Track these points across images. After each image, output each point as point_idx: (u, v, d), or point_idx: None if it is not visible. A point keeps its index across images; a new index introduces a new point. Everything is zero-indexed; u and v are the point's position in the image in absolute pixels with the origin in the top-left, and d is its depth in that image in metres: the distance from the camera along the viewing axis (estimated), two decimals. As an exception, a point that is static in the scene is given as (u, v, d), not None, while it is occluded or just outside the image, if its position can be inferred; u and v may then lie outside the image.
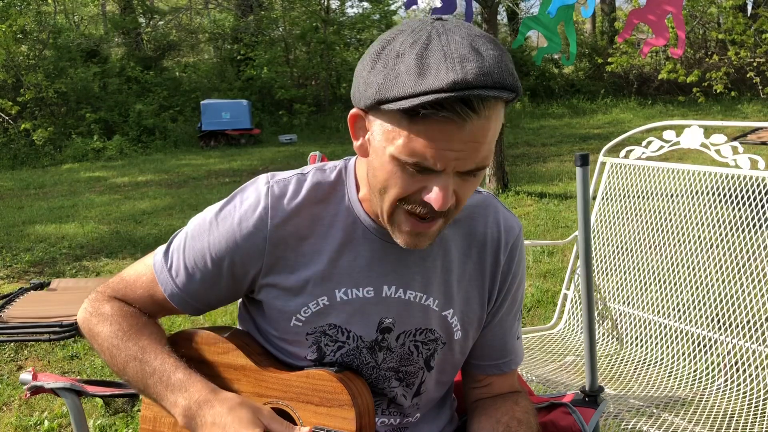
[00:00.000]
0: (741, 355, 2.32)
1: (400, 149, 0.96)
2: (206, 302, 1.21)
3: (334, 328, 1.16)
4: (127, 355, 1.16)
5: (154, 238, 6.26)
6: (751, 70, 13.97)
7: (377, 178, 1.03)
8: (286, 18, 17.10)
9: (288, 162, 10.84)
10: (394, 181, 1.00)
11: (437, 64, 0.90)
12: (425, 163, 0.96)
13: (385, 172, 1.01)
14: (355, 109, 1.04)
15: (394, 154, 0.97)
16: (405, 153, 0.96)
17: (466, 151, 0.95)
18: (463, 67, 0.89)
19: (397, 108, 0.92)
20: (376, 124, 1.00)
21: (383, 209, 1.05)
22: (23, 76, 13.41)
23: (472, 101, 0.91)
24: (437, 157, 0.95)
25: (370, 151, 1.04)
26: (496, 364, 1.29)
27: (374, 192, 1.06)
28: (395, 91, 0.92)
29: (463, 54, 0.91)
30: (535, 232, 5.90)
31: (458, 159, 0.96)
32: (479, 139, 0.95)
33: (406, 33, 0.96)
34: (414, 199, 1.01)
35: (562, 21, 3.29)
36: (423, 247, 1.08)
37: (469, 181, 1.01)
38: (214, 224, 1.15)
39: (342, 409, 1.10)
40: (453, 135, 0.93)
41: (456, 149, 0.95)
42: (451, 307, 1.20)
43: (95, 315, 1.21)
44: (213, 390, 1.11)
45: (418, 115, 0.92)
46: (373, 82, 0.96)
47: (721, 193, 2.43)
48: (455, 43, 0.93)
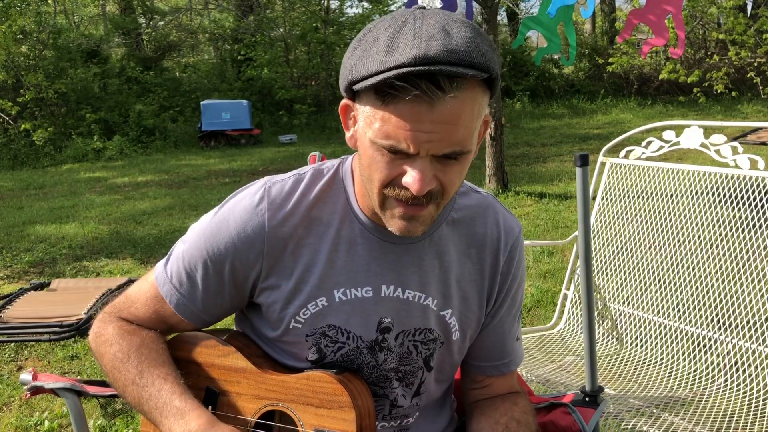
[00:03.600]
0: (741, 355, 2.32)
1: (376, 133, 0.98)
2: (212, 312, 1.20)
3: (333, 329, 1.15)
4: (125, 378, 1.15)
5: (154, 238, 6.26)
6: (752, 70, 13.96)
7: (363, 165, 1.04)
8: (286, 18, 17.10)
9: (288, 162, 10.83)
10: (376, 167, 1.01)
11: (405, 43, 0.92)
12: (399, 146, 0.97)
13: (367, 158, 1.02)
14: (345, 99, 1.06)
15: (372, 139, 0.99)
16: (380, 136, 0.97)
17: (438, 133, 0.95)
18: (428, 44, 0.91)
19: (365, 86, 0.95)
20: (359, 112, 1.01)
21: (373, 198, 1.05)
22: (23, 77, 13.40)
23: (438, 79, 0.91)
24: (409, 139, 0.96)
25: (358, 141, 1.05)
26: (495, 365, 1.29)
27: (365, 182, 1.07)
28: (364, 69, 0.95)
29: (431, 34, 0.93)
30: (535, 232, 5.90)
31: (430, 141, 0.96)
32: (450, 120, 0.95)
33: (387, 20, 0.98)
34: (396, 183, 1.01)
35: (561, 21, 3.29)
36: (417, 234, 1.06)
37: (450, 166, 1.00)
38: (212, 230, 1.14)
39: (342, 411, 1.10)
40: (422, 115, 0.94)
41: (426, 130, 0.95)
42: (449, 307, 1.19)
43: (100, 336, 1.21)
44: (210, 421, 1.08)
45: (389, 96, 0.94)
46: (347, 65, 0.99)
47: (721, 193, 2.43)
48: (428, 25, 0.94)
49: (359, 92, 0.99)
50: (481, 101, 0.98)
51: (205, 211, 1.22)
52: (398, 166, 0.99)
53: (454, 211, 1.19)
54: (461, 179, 1.05)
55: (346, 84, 0.99)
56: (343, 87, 1.02)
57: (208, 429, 1.07)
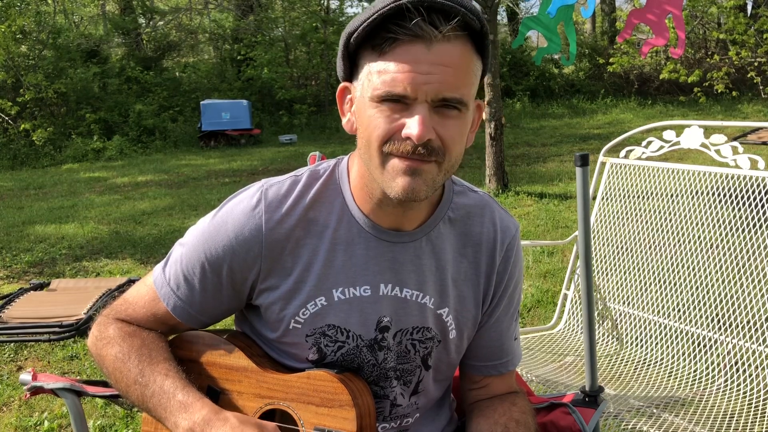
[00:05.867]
0: (741, 355, 2.31)
1: (375, 86, 1.00)
2: (210, 313, 1.21)
3: (333, 328, 1.15)
4: (128, 378, 1.16)
5: (154, 238, 6.27)
6: (752, 70, 13.97)
7: (362, 133, 1.06)
8: (286, 18, 17.10)
9: (288, 162, 10.83)
10: (375, 124, 1.02)
11: None
12: (395, 90, 0.99)
13: (366, 119, 1.04)
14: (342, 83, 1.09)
15: (371, 96, 1.01)
16: (379, 87, 1.00)
17: (436, 74, 0.98)
18: None
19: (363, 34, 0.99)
20: (357, 84, 1.05)
21: (374, 162, 1.05)
22: (23, 77, 13.41)
23: (433, 18, 0.96)
24: (407, 81, 0.98)
25: (356, 118, 1.08)
26: (493, 365, 1.29)
27: (364, 156, 1.07)
28: (357, 22, 1.00)
29: None
30: (535, 232, 5.90)
31: (428, 83, 0.98)
32: (446, 62, 0.98)
33: None
34: (396, 137, 1.02)
35: (561, 21, 3.29)
36: (420, 196, 1.04)
37: (448, 117, 1.02)
38: (210, 233, 1.15)
39: (343, 410, 1.10)
40: (419, 56, 0.97)
41: (424, 72, 0.98)
42: (446, 306, 1.20)
43: (100, 339, 1.21)
44: (214, 409, 1.09)
45: (386, 43, 0.98)
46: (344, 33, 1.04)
47: (721, 193, 2.43)
48: None
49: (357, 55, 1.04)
50: (475, 61, 1.03)
51: (205, 211, 1.22)
52: (397, 120, 1.01)
53: (450, 210, 1.19)
54: (462, 140, 1.06)
55: (343, 43, 1.04)
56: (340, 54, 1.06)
57: (212, 418, 1.07)
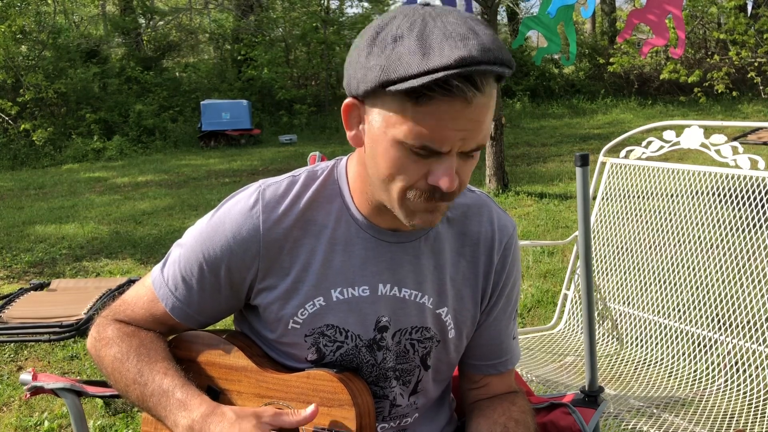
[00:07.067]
0: (741, 355, 2.32)
1: (405, 133, 0.96)
2: (208, 314, 1.21)
3: (332, 329, 1.16)
4: (127, 377, 1.16)
5: (154, 238, 6.27)
6: (752, 70, 13.97)
7: (379, 166, 1.03)
8: (286, 18, 17.10)
9: (288, 162, 10.84)
10: (399, 169, 1.00)
11: (440, 43, 0.92)
12: (432, 145, 0.97)
13: (388, 159, 1.00)
14: (350, 98, 1.04)
15: (399, 139, 0.97)
16: (411, 137, 0.96)
17: (471, 131, 0.97)
18: (466, 44, 0.91)
19: (404, 88, 0.93)
20: (374, 113, 1.00)
21: (392, 198, 1.04)
22: (23, 77, 13.41)
23: (476, 78, 0.93)
24: (444, 138, 0.96)
25: (367, 141, 1.04)
26: (492, 364, 1.29)
27: (376, 181, 1.06)
28: (400, 71, 0.92)
29: (462, 33, 0.93)
30: (535, 232, 5.90)
31: (463, 139, 0.97)
32: (482, 117, 0.97)
33: (399, 17, 0.97)
34: (420, 185, 1.01)
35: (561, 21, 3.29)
36: (435, 225, 1.10)
37: (468, 161, 1.02)
38: (208, 233, 1.15)
39: (342, 409, 1.10)
40: (460, 114, 0.94)
41: (462, 128, 0.96)
42: (444, 305, 1.20)
43: (99, 340, 1.22)
44: (213, 405, 1.10)
45: (424, 97, 0.93)
46: (375, 66, 0.95)
47: (721, 193, 2.43)
48: (451, 24, 0.95)
49: (377, 93, 0.98)
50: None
51: (205, 211, 1.22)
52: (423, 166, 1.00)
53: (449, 210, 1.19)
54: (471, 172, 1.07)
55: (375, 86, 0.96)
56: (363, 89, 0.98)
57: (211, 414, 1.08)
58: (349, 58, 1.02)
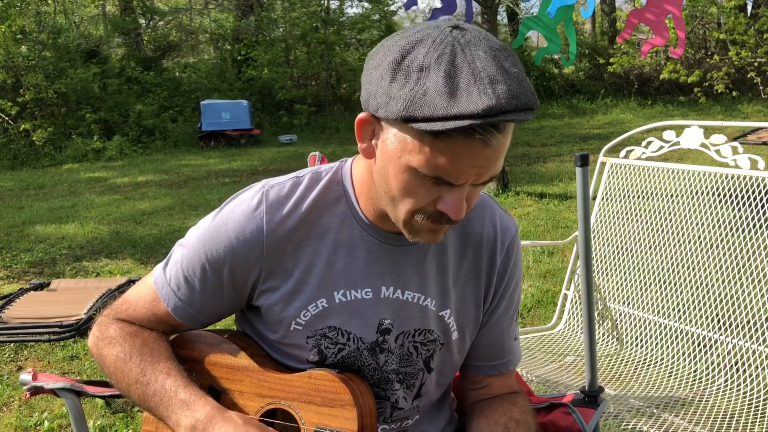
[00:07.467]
0: (741, 355, 2.32)
1: (420, 163, 0.96)
2: (210, 314, 1.21)
3: (334, 330, 1.15)
4: (129, 377, 1.16)
5: (154, 238, 6.27)
6: (752, 70, 13.97)
7: (389, 185, 1.02)
8: (287, 18, 17.10)
9: (288, 162, 10.84)
10: (409, 192, 1.00)
11: (467, 86, 0.89)
12: (446, 177, 0.96)
13: (399, 181, 1.00)
14: (365, 113, 1.01)
15: (413, 166, 0.97)
16: (426, 167, 0.96)
17: (486, 167, 0.97)
18: (495, 90, 0.89)
19: (427, 129, 0.91)
20: (390, 133, 0.98)
21: (398, 217, 1.05)
22: (23, 77, 13.41)
23: (499, 124, 0.92)
24: (459, 173, 0.96)
25: (379, 157, 1.02)
26: (493, 365, 1.29)
27: (384, 196, 1.06)
28: (425, 110, 0.90)
29: (491, 75, 0.90)
30: (535, 232, 5.90)
31: (478, 174, 0.97)
32: (499, 155, 0.96)
33: (427, 44, 0.93)
34: (429, 210, 1.02)
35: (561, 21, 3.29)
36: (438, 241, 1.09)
37: (478, 188, 1.03)
38: (210, 233, 1.14)
39: (344, 409, 1.10)
40: (478, 153, 0.94)
41: (478, 165, 0.96)
42: (447, 308, 1.20)
43: (101, 339, 1.21)
44: (217, 408, 1.09)
45: (444, 134, 0.92)
46: (399, 97, 0.92)
47: (721, 193, 2.43)
48: (480, 60, 0.91)
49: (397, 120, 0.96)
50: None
51: (206, 211, 1.22)
52: (435, 192, 1.00)
53: None
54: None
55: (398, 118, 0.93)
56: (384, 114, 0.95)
57: (215, 415, 1.08)
58: (369, 73, 0.99)
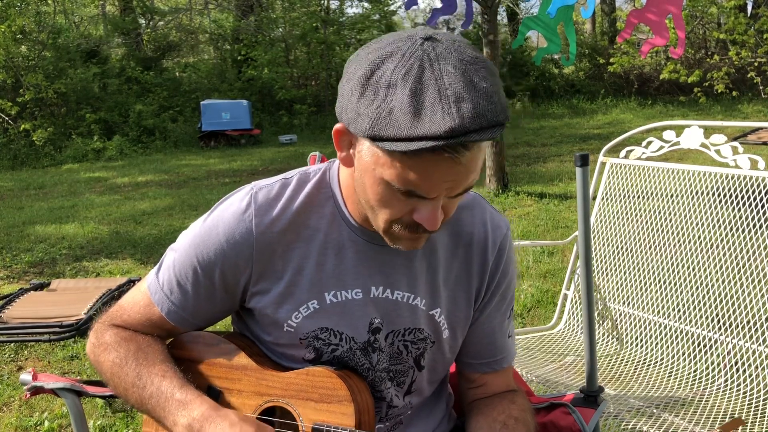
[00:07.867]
0: (741, 355, 2.31)
1: (392, 177, 0.96)
2: (204, 317, 1.21)
3: (326, 331, 1.16)
4: (126, 381, 1.17)
5: (154, 238, 6.27)
6: (752, 70, 13.97)
7: (367, 195, 1.03)
8: (286, 18, 17.11)
9: (288, 162, 10.84)
10: (385, 203, 1.01)
11: (432, 105, 0.88)
12: (418, 192, 0.97)
13: (375, 192, 1.01)
14: (341, 124, 1.01)
15: (386, 179, 0.97)
16: (398, 182, 0.96)
17: (458, 180, 0.97)
18: (459, 109, 0.88)
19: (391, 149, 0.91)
20: (364, 145, 0.98)
21: (377, 225, 1.06)
22: (23, 77, 13.41)
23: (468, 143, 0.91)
24: (431, 188, 0.96)
25: (357, 166, 1.03)
26: (487, 362, 1.30)
27: (364, 204, 1.06)
28: (390, 131, 0.90)
29: (458, 92, 0.88)
30: (535, 232, 5.90)
31: (450, 188, 0.97)
32: (470, 168, 0.96)
33: (396, 58, 0.92)
34: (405, 220, 1.02)
35: (561, 21, 3.29)
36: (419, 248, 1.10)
37: (456, 198, 1.03)
38: (201, 237, 1.15)
39: (341, 405, 1.11)
40: (449, 170, 0.94)
41: (449, 179, 0.96)
42: (438, 307, 1.20)
43: (98, 345, 1.22)
44: (213, 406, 1.10)
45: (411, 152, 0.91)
46: (365, 115, 0.92)
47: (721, 193, 2.43)
48: (448, 75, 0.89)
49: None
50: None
51: (205, 211, 1.22)
52: (410, 204, 1.00)
53: None
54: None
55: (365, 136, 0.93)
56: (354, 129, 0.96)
57: (212, 414, 1.08)
58: (342, 85, 0.98)
